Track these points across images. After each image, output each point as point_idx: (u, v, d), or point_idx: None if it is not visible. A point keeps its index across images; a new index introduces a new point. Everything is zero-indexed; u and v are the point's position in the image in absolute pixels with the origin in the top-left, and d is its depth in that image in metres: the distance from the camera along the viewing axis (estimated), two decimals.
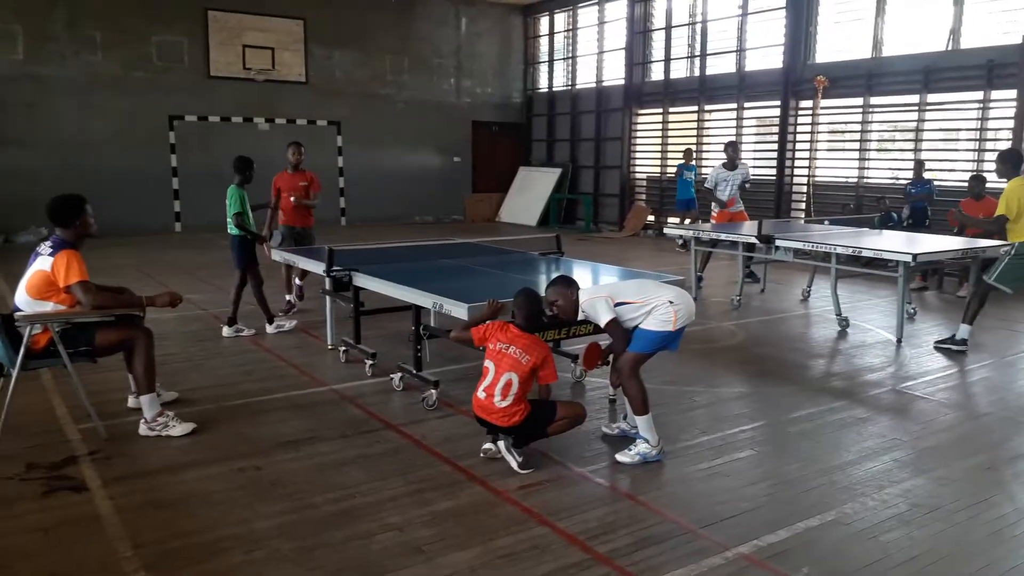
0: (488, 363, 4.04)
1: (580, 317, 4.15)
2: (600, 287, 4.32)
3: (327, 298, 6.29)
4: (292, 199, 7.78)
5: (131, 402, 4.80)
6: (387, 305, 5.84)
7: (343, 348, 6.07)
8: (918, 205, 10.74)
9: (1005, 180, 6.43)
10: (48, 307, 4.28)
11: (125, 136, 14.74)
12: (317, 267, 5.87)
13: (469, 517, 3.49)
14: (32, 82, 13.89)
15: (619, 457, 4.11)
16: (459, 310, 4.33)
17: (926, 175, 10.95)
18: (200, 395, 5.18)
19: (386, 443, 4.36)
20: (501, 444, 4.06)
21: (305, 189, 7.88)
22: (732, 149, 9.90)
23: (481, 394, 4.04)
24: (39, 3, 13.77)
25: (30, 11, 13.72)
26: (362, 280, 5.45)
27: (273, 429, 4.57)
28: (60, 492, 3.71)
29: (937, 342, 6.67)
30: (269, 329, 6.95)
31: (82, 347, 4.37)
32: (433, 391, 4.91)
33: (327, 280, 5.65)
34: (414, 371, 5.15)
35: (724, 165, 9.83)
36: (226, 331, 6.86)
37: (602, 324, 4.06)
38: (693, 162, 14.27)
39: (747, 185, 9.96)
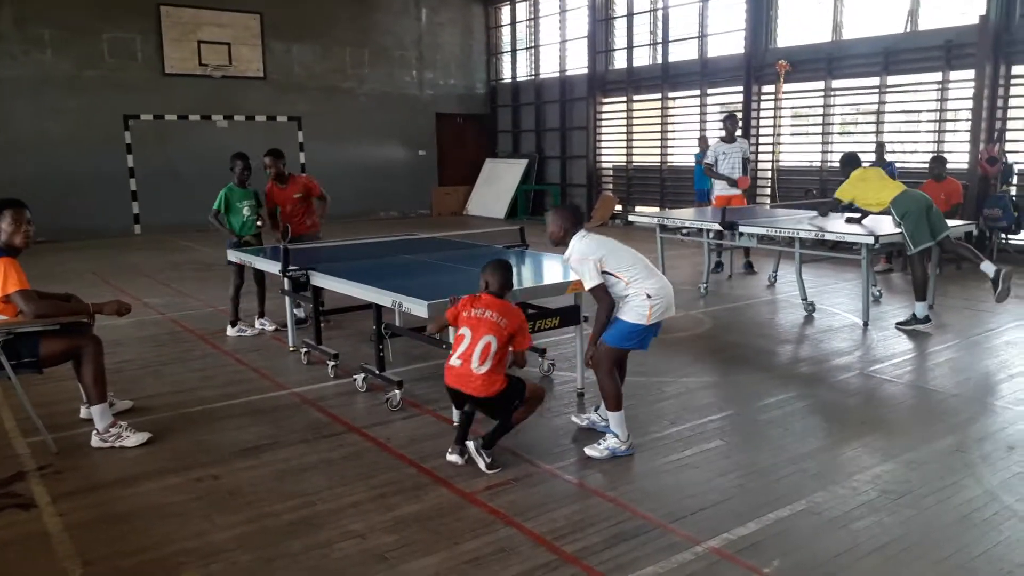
0: (464, 330, 3.91)
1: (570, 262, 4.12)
2: (596, 245, 4.01)
3: (286, 299, 6.14)
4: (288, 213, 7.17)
5: (83, 413, 4.63)
6: (348, 304, 5.72)
7: (304, 350, 5.93)
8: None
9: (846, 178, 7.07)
10: None
11: (80, 137, 14.36)
12: (273, 267, 5.71)
13: (434, 521, 3.39)
14: None
15: (588, 451, 4.05)
16: (419, 308, 4.22)
17: (888, 156, 11.00)
18: (156, 403, 5.02)
19: (349, 447, 4.25)
20: (470, 445, 3.96)
21: (298, 201, 7.06)
22: (730, 122, 9.68)
23: (456, 361, 3.90)
24: None
25: None
26: (320, 279, 5.31)
27: (232, 436, 4.44)
28: (7, 511, 3.55)
29: (898, 323, 6.70)
30: (230, 331, 6.79)
31: (26, 358, 4.19)
32: (397, 391, 4.80)
33: (284, 280, 5.50)
34: (377, 371, 5.03)
35: (722, 139, 9.65)
36: (229, 331, 6.78)
37: (586, 288, 4.02)
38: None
39: (748, 163, 9.69)
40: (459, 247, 6.70)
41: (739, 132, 9.91)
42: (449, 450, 4.02)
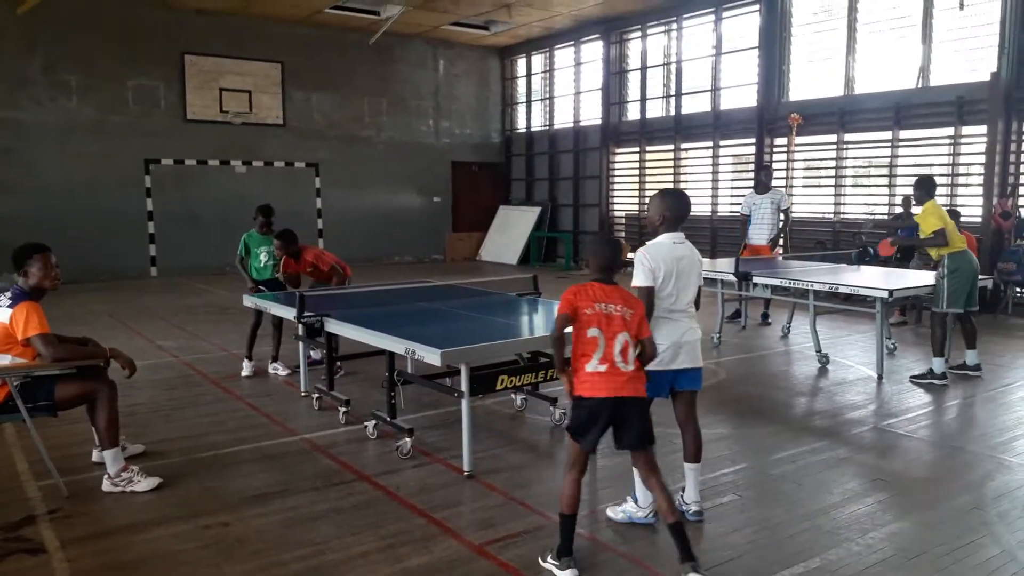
0: (593, 331, 3.32)
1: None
2: (657, 255, 3.75)
3: (300, 344, 6.17)
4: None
5: (95, 456, 4.64)
6: (361, 350, 5.74)
7: (316, 395, 5.94)
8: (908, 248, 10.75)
9: (920, 204, 6.75)
10: (6, 360, 4.14)
11: (101, 180, 14.64)
12: (288, 313, 5.76)
13: (443, 573, 3.36)
14: (8, 127, 13.80)
15: (609, 512, 3.92)
16: (432, 356, 4.23)
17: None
18: (168, 447, 5.02)
19: (358, 495, 4.23)
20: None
21: (310, 275, 7.11)
22: (765, 173, 9.77)
23: (600, 366, 3.30)
24: (14, 48, 13.74)
25: (5, 56, 13.69)
26: (334, 326, 5.35)
27: (242, 483, 4.43)
28: (15, 555, 3.54)
29: (913, 376, 6.65)
30: (245, 369, 6.95)
31: (42, 401, 4.23)
32: (408, 439, 4.79)
33: (299, 326, 5.54)
34: (388, 418, 5.03)
35: (755, 190, 9.73)
36: (245, 368, 6.99)
37: (632, 283, 3.70)
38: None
39: (783, 213, 9.62)
40: (472, 294, 6.73)
41: (772, 184, 9.89)
42: (559, 564, 3.34)
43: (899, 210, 11.08)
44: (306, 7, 15.04)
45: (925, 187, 6.75)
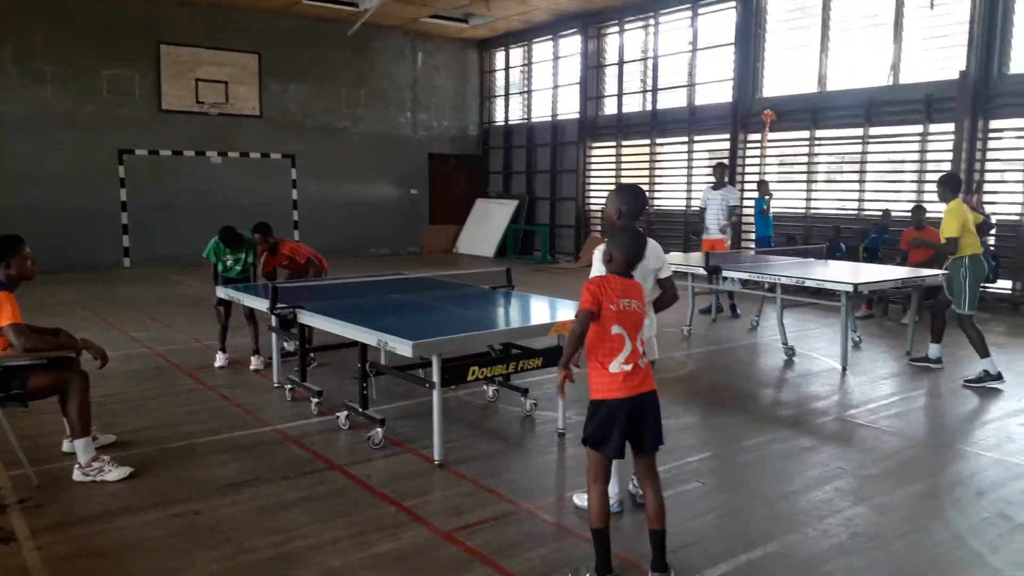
0: (617, 329, 3.18)
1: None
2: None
3: (272, 336, 6.21)
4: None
5: (66, 446, 4.65)
6: (334, 342, 5.78)
7: (289, 386, 5.98)
8: (872, 247, 10.98)
9: (944, 202, 6.58)
10: None
11: (75, 171, 14.49)
12: (261, 304, 5.79)
13: (412, 559, 3.43)
14: None
15: (576, 500, 3.99)
16: (404, 347, 4.29)
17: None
18: (139, 437, 5.05)
19: (330, 484, 4.29)
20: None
21: (286, 267, 7.31)
22: (718, 170, 9.97)
23: (625, 366, 3.18)
24: None
25: None
26: (307, 317, 5.39)
27: (214, 472, 4.47)
28: None
29: (966, 381, 6.46)
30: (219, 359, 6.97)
31: (13, 391, 4.24)
32: (379, 429, 4.85)
33: (272, 318, 5.57)
34: (360, 409, 5.09)
35: (711, 186, 9.95)
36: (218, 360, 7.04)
37: (592, 275, 3.54)
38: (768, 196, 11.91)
39: (735, 209, 9.84)
40: (446, 287, 6.79)
41: (727, 181, 10.10)
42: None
43: (879, 215, 11.34)
44: None
45: (949, 184, 6.59)
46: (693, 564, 3.37)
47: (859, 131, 12.10)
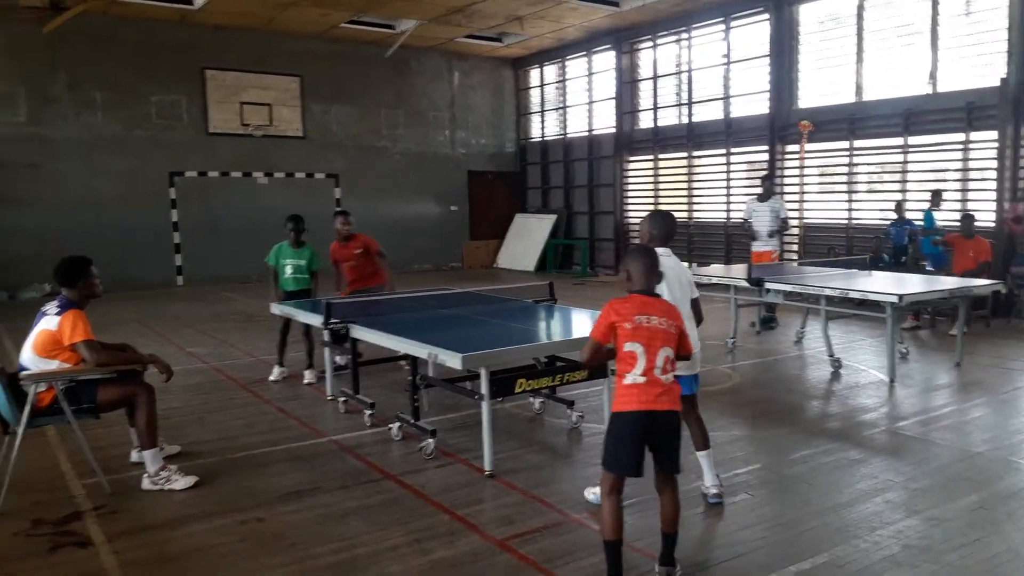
0: (632, 346, 3.22)
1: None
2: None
3: (326, 350, 6.38)
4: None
5: (134, 456, 4.86)
6: (384, 355, 5.94)
7: (343, 399, 6.15)
8: (899, 243, 10.93)
9: None
10: (53, 365, 4.38)
11: (127, 193, 14.99)
12: (315, 320, 5.98)
13: (468, 566, 3.54)
14: (35, 143, 14.18)
15: (587, 494, 4.20)
16: (453, 360, 4.42)
17: (908, 214, 11.18)
18: (203, 448, 5.25)
19: (385, 493, 4.42)
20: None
21: (359, 256, 7.60)
22: (767, 181, 9.95)
23: (638, 378, 3.21)
24: (40, 66, 14.12)
25: (32, 74, 14.08)
26: (359, 332, 5.56)
27: (275, 481, 4.63)
28: (66, 548, 3.76)
29: None
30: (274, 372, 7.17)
31: (85, 404, 4.46)
32: (431, 440, 4.98)
33: (325, 332, 5.75)
34: (412, 420, 5.22)
35: (758, 197, 9.91)
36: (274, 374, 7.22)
37: None
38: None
39: (783, 220, 9.74)
40: (491, 301, 6.93)
41: (775, 192, 10.04)
42: None
43: (893, 216, 11.25)
44: (323, 22, 15.34)
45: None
46: (745, 575, 3.41)
47: (899, 140, 12.01)
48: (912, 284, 7.49)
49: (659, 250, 3.89)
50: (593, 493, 4.14)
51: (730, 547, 3.70)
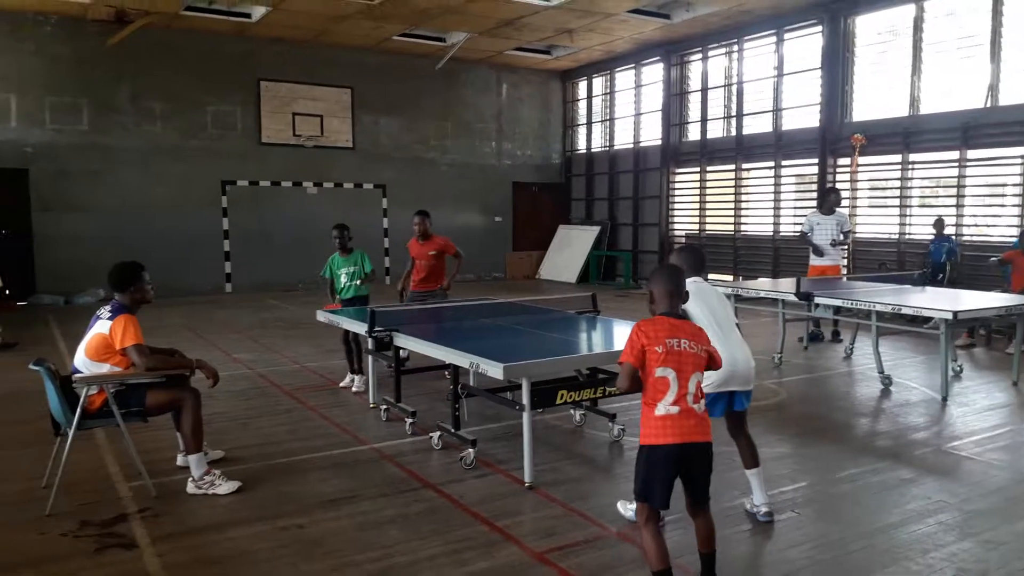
0: (664, 372, 3.11)
1: None
2: (691, 293, 3.64)
3: (369, 358, 6.43)
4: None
5: (179, 460, 4.94)
6: (427, 364, 5.96)
7: (384, 407, 6.19)
8: (936, 260, 10.64)
9: None
10: (105, 368, 4.49)
11: (181, 201, 15.36)
12: (360, 328, 6.03)
13: None
14: (97, 151, 14.63)
15: (620, 508, 4.17)
16: (495, 370, 4.41)
17: (947, 231, 10.90)
18: (246, 453, 5.32)
19: (424, 502, 4.43)
20: None
21: (432, 257, 7.90)
22: (834, 195, 9.78)
23: (671, 408, 3.10)
24: (104, 78, 14.58)
25: (96, 85, 14.54)
26: (402, 340, 5.59)
27: (316, 487, 4.67)
28: (111, 549, 3.83)
29: None
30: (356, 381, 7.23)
31: (134, 407, 4.56)
32: (471, 450, 4.97)
33: (369, 340, 5.80)
34: (452, 430, 5.23)
35: (820, 210, 9.73)
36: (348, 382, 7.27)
37: None
38: None
39: (845, 235, 9.61)
40: (533, 312, 6.91)
41: (839, 206, 9.84)
42: None
43: (932, 231, 10.97)
44: (375, 35, 15.57)
45: None
46: None
47: (955, 154, 11.69)
48: (967, 301, 7.26)
49: (690, 279, 3.82)
50: (629, 509, 4.08)
51: (776, 566, 3.62)
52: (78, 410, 4.35)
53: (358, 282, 7.39)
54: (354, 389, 7.10)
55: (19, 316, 12.27)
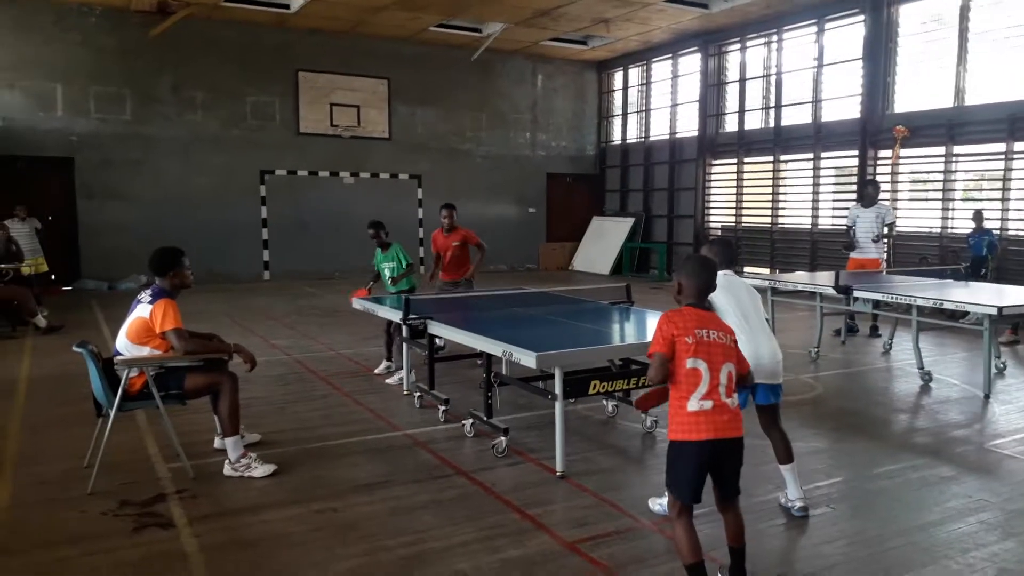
0: (695, 363, 3.04)
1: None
2: (720, 286, 3.59)
3: (404, 345, 6.47)
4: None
5: (217, 443, 5.03)
6: (460, 352, 5.98)
7: (418, 394, 6.23)
8: (977, 255, 10.38)
9: None
10: (145, 351, 4.57)
11: (221, 190, 15.61)
12: (395, 315, 6.07)
13: (538, 566, 3.51)
14: (139, 140, 14.92)
15: (651, 504, 4.14)
16: (528, 358, 4.41)
17: (990, 223, 10.64)
18: (282, 437, 5.39)
19: (457, 489, 4.45)
20: None
21: (457, 248, 8.06)
22: (872, 187, 9.64)
23: (704, 403, 3.03)
24: (146, 69, 14.84)
25: (138, 76, 14.81)
26: (436, 328, 5.62)
27: (349, 472, 4.72)
28: (149, 528, 3.91)
29: None
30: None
31: (173, 390, 4.64)
32: (503, 438, 4.98)
33: (404, 328, 5.84)
34: (485, 418, 5.24)
35: (861, 203, 9.61)
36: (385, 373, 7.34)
37: None
38: None
39: (887, 228, 9.42)
40: (566, 302, 6.89)
41: (879, 199, 9.67)
42: None
43: (972, 225, 10.69)
44: (412, 26, 15.61)
45: None
46: None
47: (1001, 146, 11.39)
48: (1012, 296, 7.08)
49: (720, 273, 3.73)
50: (659, 504, 4.05)
51: (811, 561, 3.57)
52: (119, 392, 4.44)
53: (392, 279, 7.48)
54: (388, 380, 7.13)
55: (64, 300, 12.58)
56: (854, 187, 13.42)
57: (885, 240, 9.48)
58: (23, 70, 13.96)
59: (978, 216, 10.65)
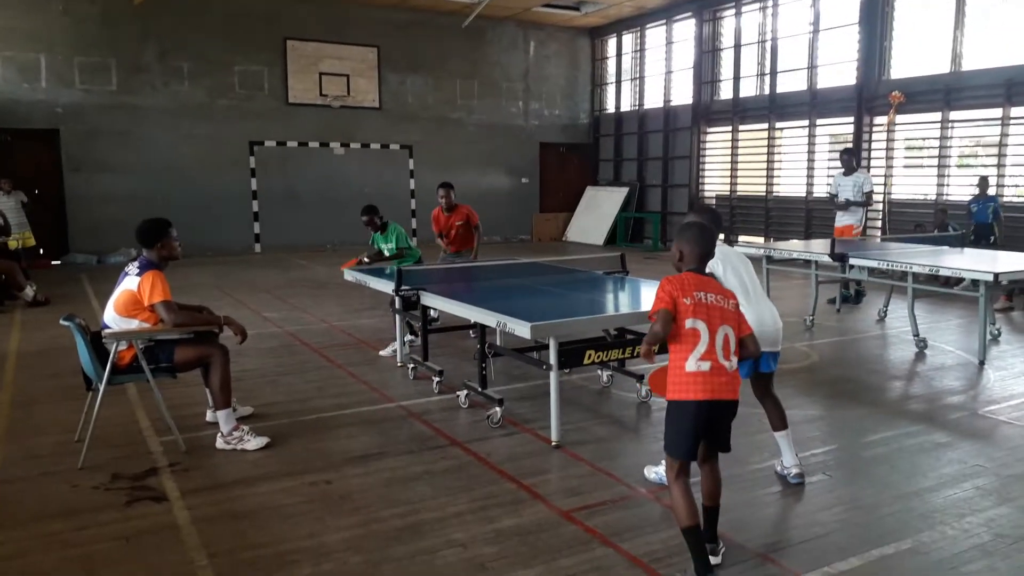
0: (694, 323, 3.05)
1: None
2: (718, 254, 3.73)
3: (396, 317, 6.42)
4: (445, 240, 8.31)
5: (209, 416, 4.99)
6: (454, 324, 5.93)
7: (411, 365, 6.19)
8: (981, 221, 10.34)
9: None
10: (134, 324, 4.50)
11: (209, 161, 15.42)
12: (387, 287, 6.01)
13: (533, 536, 3.50)
14: (125, 111, 14.69)
15: (646, 472, 4.13)
16: (522, 329, 4.36)
17: (991, 191, 10.57)
18: (274, 410, 5.35)
19: (451, 459, 4.42)
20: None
21: (460, 227, 8.14)
22: (847, 154, 9.68)
23: (702, 364, 3.03)
24: (131, 37, 14.58)
25: (123, 45, 14.55)
26: (429, 299, 5.56)
27: (343, 444, 4.69)
28: (142, 502, 3.88)
29: None
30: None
31: (163, 363, 4.58)
32: (498, 409, 4.95)
33: (396, 299, 5.78)
34: (479, 389, 5.21)
35: (843, 172, 9.63)
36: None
37: None
38: None
39: (866, 195, 9.39)
40: (560, 272, 6.84)
41: (858, 166, 9.68)
42: None
43: (969, 192, 10.64)
44: None
45: None
46: (821, 556, 3.28)
47: (998, 112, 11.30)
48: (1007, 262, 7.05)
49: None
50: (655, 472, 4.06)
51: (807, 528, 3.56)
52: (108, 365, 4.38)
53: (390, 255, 7.43)
54: (381, 352, 7.08)
55: (52, 274, 12.47)
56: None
57: (863, 208, 9.47)
58: (4, 40, 13.70)
59: (983, 182, 10.57)
